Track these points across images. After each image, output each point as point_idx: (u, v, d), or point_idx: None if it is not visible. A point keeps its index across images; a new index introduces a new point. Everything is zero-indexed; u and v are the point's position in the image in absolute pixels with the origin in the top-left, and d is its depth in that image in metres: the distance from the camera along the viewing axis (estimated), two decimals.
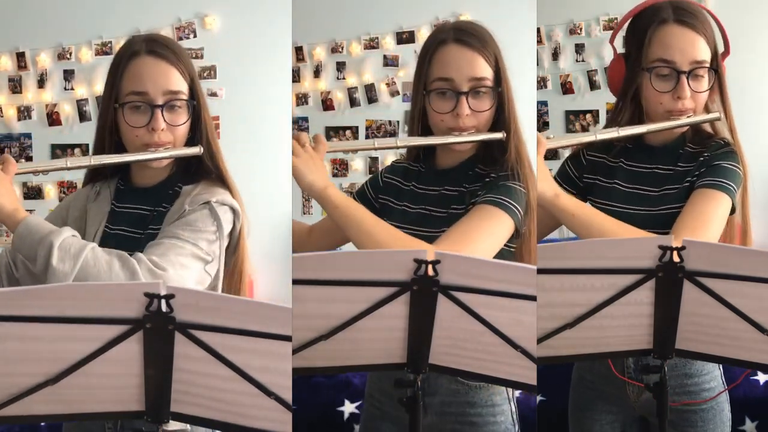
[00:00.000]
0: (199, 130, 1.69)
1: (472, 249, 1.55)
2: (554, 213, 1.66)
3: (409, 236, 1.61)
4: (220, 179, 1.69)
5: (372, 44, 4.40)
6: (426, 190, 1.77)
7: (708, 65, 1.70)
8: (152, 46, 1.65)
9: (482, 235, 1.59)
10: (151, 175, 1.71)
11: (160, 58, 1.64)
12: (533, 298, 1.33)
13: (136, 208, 1.70)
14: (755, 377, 2.95)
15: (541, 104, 4.34)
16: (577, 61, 4.36)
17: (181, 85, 1.65)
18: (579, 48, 4.36)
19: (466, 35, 1.68)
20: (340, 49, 4.44)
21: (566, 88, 4.36)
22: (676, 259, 1.39)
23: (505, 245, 1.66)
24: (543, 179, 1.65)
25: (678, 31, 1.69)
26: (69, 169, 1.67)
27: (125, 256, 1.51)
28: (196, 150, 1.67)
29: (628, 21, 1.77)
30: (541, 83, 4.36)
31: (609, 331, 1.47)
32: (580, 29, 4.34)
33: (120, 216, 1.71)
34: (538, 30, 4.28)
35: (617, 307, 1.43)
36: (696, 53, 1.68)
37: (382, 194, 1.84)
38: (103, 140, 1.69)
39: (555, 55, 4.36)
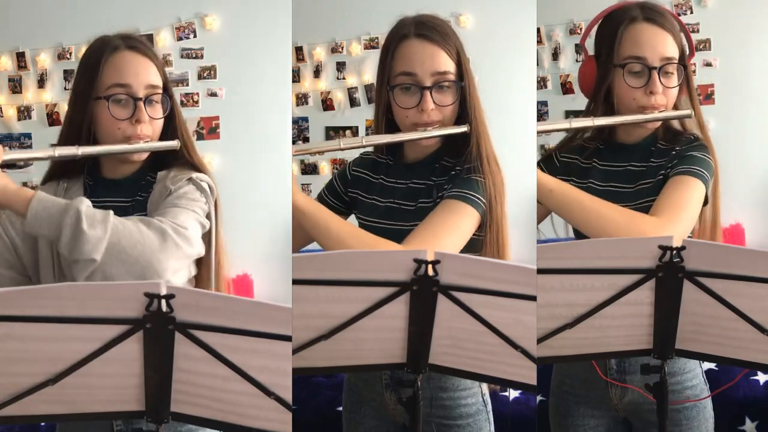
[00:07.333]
0: (173, 124, 1.72)
1: (439, 246, 1.57)
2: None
3: (376, 237, 1.61)
4: (194, 167, 1.72)
5: (372, 44, 4.39)
6: (395, 183, 1.79)
7: (677, 62, 1.76)
8: (129, 41, 1.69)
9: (449, 231, 1.62)
10: (126, 168, 1.72)
11: (139, 53, 1.68)
12: (533, 298, 1.33)
13: (113, 201, 1.69)
14: (755, 377, 2.95)
15: (541, 104, 4.33)
16: (577, 61, 4.35)
17: (158, 79, 1.69)
18: (579, 48, 4.35)
19: (428, 29, 1.69)
20: (340, 49, 4.43)
21: (566, 88, 4.36)
22: (676, 259, 1.39)
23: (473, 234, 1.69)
24: None
25: (647, 29, 1.75)
26: (57, 158, 1.69)
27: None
28: (174, 144, 1.71)
29: (598, 23, 1.83)
30: (541, 83, 4.35)
31: (609, 331, 1.47)
32: (580, 29, 4.33)
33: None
34: (538, 30, 4.27)
35: (617, 307, 1.43)
36: (665, 50, 1.75)
37: (351, 188, 1.87)
38: (79, 134, 1.68)
39: (555, 55, 4.36)
